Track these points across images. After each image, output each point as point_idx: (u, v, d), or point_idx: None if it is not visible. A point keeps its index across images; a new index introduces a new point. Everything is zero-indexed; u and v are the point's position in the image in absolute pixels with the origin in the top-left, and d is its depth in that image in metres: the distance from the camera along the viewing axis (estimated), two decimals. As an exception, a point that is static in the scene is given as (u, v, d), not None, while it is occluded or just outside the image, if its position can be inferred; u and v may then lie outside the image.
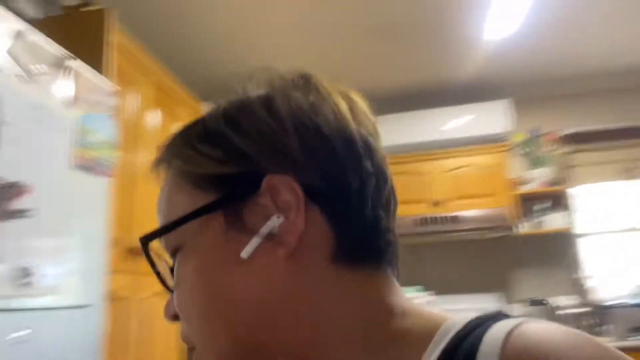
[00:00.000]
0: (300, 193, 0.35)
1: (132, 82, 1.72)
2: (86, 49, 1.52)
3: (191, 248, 0.37)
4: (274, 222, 0.34)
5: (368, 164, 0.37)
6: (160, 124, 1.89)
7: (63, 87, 1.18)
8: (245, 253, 0.35)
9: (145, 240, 0.38)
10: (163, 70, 1.95)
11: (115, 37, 1.60)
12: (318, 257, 0.35)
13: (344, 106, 0.39)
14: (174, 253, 0.39)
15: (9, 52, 1.00)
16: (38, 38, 1.09)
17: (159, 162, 0.41)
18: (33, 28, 1.08)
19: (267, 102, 0.38)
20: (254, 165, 0.36)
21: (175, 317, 0.39)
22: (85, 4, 1.72)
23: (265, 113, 0.37)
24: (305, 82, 0.40)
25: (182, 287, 0.38)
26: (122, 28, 1.67)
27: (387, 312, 0.36)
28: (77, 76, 1.24)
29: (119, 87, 1.44)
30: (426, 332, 0.33)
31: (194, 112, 2.24)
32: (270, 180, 0.35)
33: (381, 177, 0.39)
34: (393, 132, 3.01)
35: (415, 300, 0.41)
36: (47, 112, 1.09)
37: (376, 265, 0.37)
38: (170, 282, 0.40)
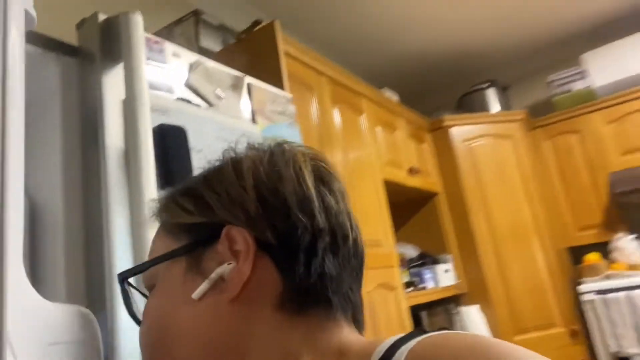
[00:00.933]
0: (252, 243, 0.39)
1: (307, 85, 1.74)
2: (262, 65, 1.58)
3: (158, 287, 0.42)
4: (224, 268, 0.39)
5: (323, 223, 0.40)
6: (341, 120, 1.87)
7: (243, 106, 1.23)
8: (195, 294, 0.38)
9: (122, 276, 0.44)
10: (334, 67, 1.93)
11: (284, 46, 1.63)
12: (264, 302, 0.39)
13: (306, 171, 0.42)
14: (150, 290, 0.43)
15: (188, 84, 1.07)
16: (212, 65, 1.15)
17: (154, 214, 0.46)
18: (205, 58, 1.14)
19: (236, 165, 0.43)
20: (217, 217, 0.41)
21: None
22: (256, 24, 1.81)
23: (233, 174, 0.42)
24: (277, 149, 0.44)
25: (144, 320, 0.42)
26: (289, 36, 1.70)
27: (324, 355, 0.38)
28: (254, 92, 1.28)
29: (292, 95, 1.45)
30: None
31: (374, 100, 2.17)
32: (229, 231, 0.40)
33: (339, 234, 0.41)
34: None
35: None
36: (233, 132, 1.14)
37: (325, 314, 0.40)
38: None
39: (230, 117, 1.17)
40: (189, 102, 1.06)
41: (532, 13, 2.44)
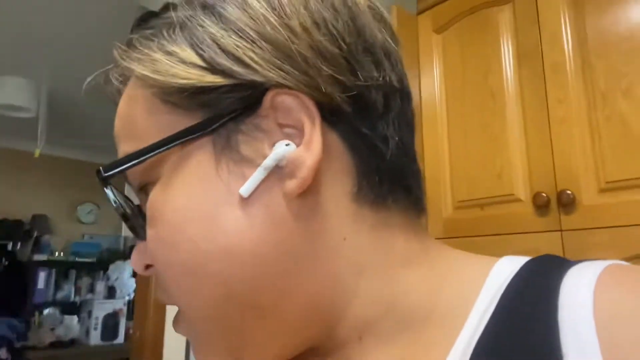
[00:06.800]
0: (316, 112, 0.27)
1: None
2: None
3: (169, 183, 0.28)
4: (282, 149, 0.27)
5: (393, 76, 0.30)
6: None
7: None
8: (245, 190, 0.26)
9: (108, 173, 0.29)
10: None
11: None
12: (337, 194, 0.28)
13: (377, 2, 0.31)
14: (141, 189, 0.31)
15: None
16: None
17: (113, 70, 0.31)
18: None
19: None
20: (253, 75, 0.27)
21: (147, 267, 0.31)
22: None
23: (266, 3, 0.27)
24: None
25: (159, 231, 0.28)
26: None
27: (424, 257, 0.30)
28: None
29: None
30: (475, 277, 0.29)
31: None
32: (276, 96, 0.27)
33: (405, 94, 0.31)
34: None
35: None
36: None
37: (404, 203, 0.30)
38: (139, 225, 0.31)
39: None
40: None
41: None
